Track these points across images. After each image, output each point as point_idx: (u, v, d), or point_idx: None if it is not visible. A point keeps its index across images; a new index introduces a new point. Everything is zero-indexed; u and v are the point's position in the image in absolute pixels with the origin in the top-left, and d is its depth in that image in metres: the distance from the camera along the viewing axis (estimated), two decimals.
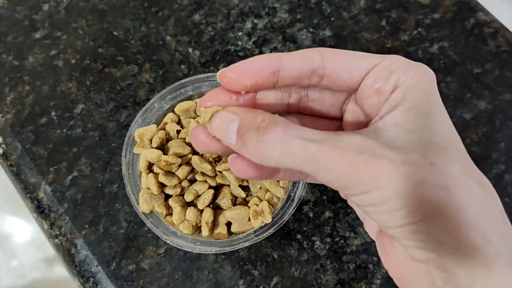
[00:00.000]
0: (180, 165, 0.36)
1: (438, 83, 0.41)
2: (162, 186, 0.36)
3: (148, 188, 0.35)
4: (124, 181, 0.35)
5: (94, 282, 0.36)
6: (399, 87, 0.20)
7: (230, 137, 0.20)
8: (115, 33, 0.44)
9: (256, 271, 0.36)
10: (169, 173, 0.36)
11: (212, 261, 0.36)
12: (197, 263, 0.36)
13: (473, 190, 0.19)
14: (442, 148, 0.19)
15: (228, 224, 0.36)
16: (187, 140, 0.37)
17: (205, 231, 0.35)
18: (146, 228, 0.37)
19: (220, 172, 0.36)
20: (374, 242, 0.37)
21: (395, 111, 0.20)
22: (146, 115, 0.38)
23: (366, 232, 0.37)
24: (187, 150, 0.36)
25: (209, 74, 0.39)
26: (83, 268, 0.36)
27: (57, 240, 0.37)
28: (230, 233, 0.36)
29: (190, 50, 0.43)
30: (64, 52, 0.43)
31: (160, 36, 0.44)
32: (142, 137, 0.37)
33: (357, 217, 0.38)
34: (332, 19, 0.44)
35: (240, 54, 0.43)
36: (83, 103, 0.41)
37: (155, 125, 0.37)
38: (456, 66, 0.42)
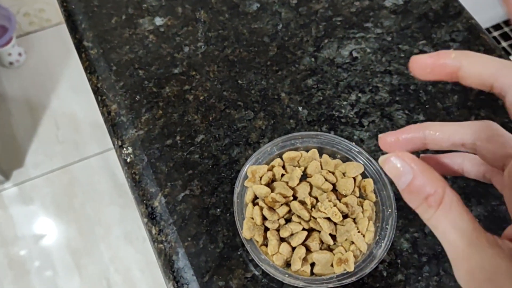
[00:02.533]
0: (281, 205, 0.42)
1: None
2: (263, 219, 0.41)
3: (252, 218, 0.41)
4: (234, 208, 0.41)
5: None
6: None
7: (399, 185, 0.22)
8: (239, 81, 0.51)
9: None
10: (271, 209, 0.41)
11: None
12: None
13: None
14: None
15: (311, 265, 0.41)
16: (289, 184, 0.43)
17: (296, 265, 0.39)
18: (239, 253, 0.42)
19: (315, 218, 0.41)
20: None
21: None
22: (259, 156, 0.44)
23: None
24: (289, 193, 0.42)
25: (318, 132, 0.45)
26: (180, 275, 0.42)
27: (161, 245, 0.43)
28: (311, 273, 0.41)
29: (300, 108, 0.50)
30: (195, 89, 0.50)
31: (276, 92, 0.51)
32: (254, 173, 0.43)
33: (426, 286, 0.41)
34: (427, 107, 0.50)
35: (342, 120, 0.49)
36: (203, 134, 0.48)
37: (266, 166, 0.43)
38: None
